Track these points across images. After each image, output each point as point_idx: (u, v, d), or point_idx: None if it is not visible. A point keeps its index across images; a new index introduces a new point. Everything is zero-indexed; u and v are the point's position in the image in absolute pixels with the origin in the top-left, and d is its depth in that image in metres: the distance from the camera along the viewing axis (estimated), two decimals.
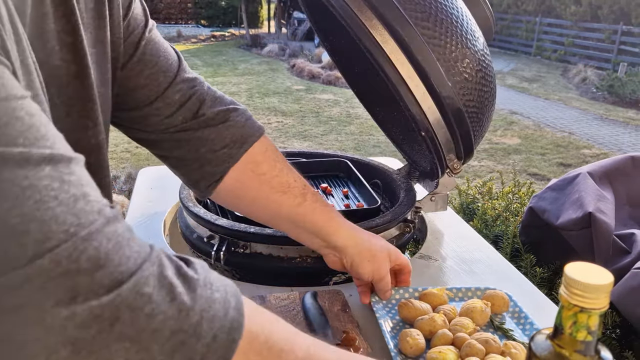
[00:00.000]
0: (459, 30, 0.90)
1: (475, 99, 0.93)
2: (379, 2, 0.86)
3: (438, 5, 0.89)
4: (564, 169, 4.99)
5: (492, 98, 0.98)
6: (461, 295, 0.91)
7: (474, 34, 0.94)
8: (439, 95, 0.89)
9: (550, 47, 12.71)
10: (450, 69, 0.89)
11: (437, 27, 0.87)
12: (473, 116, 0.95)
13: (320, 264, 0.94)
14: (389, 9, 0.86)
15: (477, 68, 0.92)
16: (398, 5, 0.86)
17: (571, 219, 1.31)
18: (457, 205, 2.01)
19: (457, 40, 0.89)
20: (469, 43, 0.91)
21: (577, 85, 9.53)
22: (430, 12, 0.88)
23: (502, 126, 6.56)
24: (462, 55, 0.90)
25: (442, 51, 0.88)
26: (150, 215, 1.21)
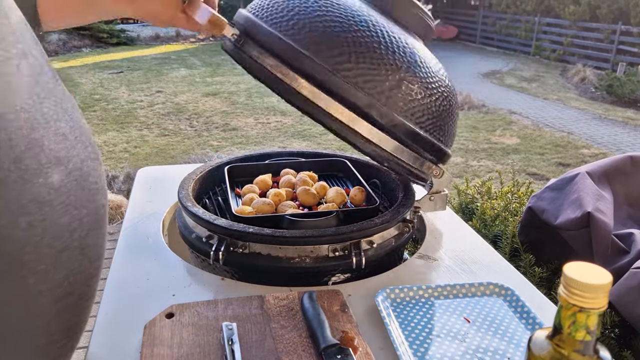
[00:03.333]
0: (386, 55, 0.88)
1: (427, 112, 0.93)
2: (296, 61, 0.86)
3: (355, 40, 0.87)
4: (562, 168, 5.00)
5: (446, 101, 0.96)
6: (464, 292, 0.91)
7: (404, 49, 0.91)
8: (386, 126, 0.89)
9: (549, 47, 12.71)
10: (389, 97, 0.88)
11: (360, 64, 0.86)
12: (431, 127, 0.94)
13: (319, 264, 0.94)
14: (307, 64, 0.86)
15: (418, 83, 0.91)
16: (315, 57, 0.86)
17: (570, 219, 1.31)
18: (456, 205, 2.01)
19: (386, 66, 0.88)
20: (400, 62, 0.89)
21: (576, 85, 9.54)
22: (349, 51, 0.86)
23: (501, 126, 6.56)
24: (398, 79, 0.88)
25: (374, 85, 0.87)
26: (149, 215, 1.20)
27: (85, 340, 2.28)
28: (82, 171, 0.52)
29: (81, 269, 0.52)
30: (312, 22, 0.89)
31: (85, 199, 0.51)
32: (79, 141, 0.52)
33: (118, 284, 0.94)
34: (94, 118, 6.31)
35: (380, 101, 0.87)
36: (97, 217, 0.54)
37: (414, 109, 0.90)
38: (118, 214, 3.52)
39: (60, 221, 0.48)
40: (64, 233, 0.48)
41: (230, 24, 0.96)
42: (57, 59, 10.72)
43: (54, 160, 0.48)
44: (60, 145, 0.49)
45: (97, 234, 0.54)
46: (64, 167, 0.49)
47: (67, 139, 0.50)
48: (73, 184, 0.49)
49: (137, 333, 0.79)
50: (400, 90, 0.88)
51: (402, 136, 0.91)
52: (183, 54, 11.97)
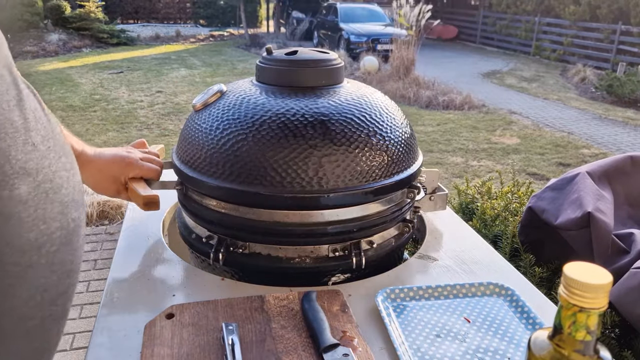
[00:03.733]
0: (297, 145, 0.88)
1: (367, 165, 0.91)
2: (233, 198, 0.92)
3: (264, 150, 0.88)
4: (563, 168, 5.00)
5: (382, 138, 0.94)
6: (465, 292, 0.91)
7: (313, 124, 0.90)
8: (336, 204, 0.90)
9: (549, 47, 12.72)
10: (319, 180, 0.88)
11: (278, 168, 0.87)
12: (381, 172, 0.93)
13: (319, 264, 0.94)
14: (245, 197, 0.90)
15: (340, 151, 0.89)
16: (244, 187, 0.89)
17: (570, 219, 1.31)
18: (456, 205, 2.01)
19: (302, 157, 0.88)
20: (312, 141, 0.89)
21: (576, 85, 9.54)
22: (262, 164, 0.88)
23: (501, 126, 6.56)
24: (316, 160, 0.88)
25: (300, 179, 0.88)
26: (149, 214, 1.20)
27: (85, 340, 2.27)
28: (54, 183, 0.49)
29: (48, 286, 0.49)
30: (222, 153, 0.90)
31: (56, 212, 0.49)
32: (52, 151, 0.50)
33: (118, 284, 0.94)
34: (94, 118, 6.31)
35: (314, 190, 0.88)
36: (68, 232, 0.51)
37: (350, 173, 0.89)
38: (118, 214, 3.52)
39: (27, 236, 0.45)
40: (31, 249, 0.46)
41: None
42: (57, 59, 10.72)
43: (22, 171, 0.45)
44: (29, 156, 0.46)
45: (68, 250, 0.51)
46: (32, 178, 0.46)
47: (38, 149, 0.48)
48: (42, 197, 0.47)
49: (138, 333, 0.79)
50: (325, 168, 0.88)
51: (359, 200, 0.92)
52: (183, 54, 11.97)
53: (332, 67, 1.01)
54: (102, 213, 3.51)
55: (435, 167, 1.39)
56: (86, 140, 4.55)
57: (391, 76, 8.64)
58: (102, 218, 3.49)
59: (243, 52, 12.85)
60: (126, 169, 0.98)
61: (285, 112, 0.91)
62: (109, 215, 3.52)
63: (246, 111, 0.93)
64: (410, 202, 1.04)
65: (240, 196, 0.89)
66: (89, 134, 5.60)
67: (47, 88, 7.68)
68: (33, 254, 0.46)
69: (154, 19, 18.83)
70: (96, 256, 3.02)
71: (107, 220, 3.49)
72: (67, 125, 5.84)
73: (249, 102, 0.95)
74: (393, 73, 8.66)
